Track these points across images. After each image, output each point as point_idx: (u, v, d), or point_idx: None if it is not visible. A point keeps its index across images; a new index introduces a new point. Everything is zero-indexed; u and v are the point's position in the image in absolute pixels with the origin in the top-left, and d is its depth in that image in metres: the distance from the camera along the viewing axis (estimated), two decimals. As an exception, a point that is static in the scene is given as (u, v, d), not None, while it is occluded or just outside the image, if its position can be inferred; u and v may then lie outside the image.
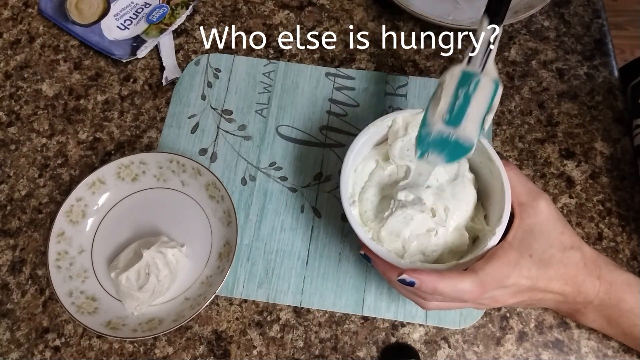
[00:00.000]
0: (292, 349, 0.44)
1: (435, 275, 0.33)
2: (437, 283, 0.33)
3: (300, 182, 0.49)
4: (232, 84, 0.53)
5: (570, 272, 0.37)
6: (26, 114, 0.53)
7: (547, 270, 0.36)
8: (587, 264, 0.38)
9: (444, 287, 0.33)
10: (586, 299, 0.38)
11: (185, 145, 0.51)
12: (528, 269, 0.35)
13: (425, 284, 0.33)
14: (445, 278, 0.33)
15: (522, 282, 0.36)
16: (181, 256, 0.45)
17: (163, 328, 0.42)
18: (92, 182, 0.47)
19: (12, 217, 0.49)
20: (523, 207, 0.37)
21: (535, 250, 0.36)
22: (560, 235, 0.37)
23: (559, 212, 0.38)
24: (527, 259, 0.36)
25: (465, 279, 0.33)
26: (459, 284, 0.33)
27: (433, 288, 0.33)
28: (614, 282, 0.38)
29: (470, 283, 0.33)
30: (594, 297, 0.38)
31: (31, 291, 0.46)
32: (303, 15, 0.57)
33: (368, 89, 0.53)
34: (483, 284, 0.34)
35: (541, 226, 0.37)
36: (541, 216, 0.37)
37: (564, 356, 0.43)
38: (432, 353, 0.43)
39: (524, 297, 0.37)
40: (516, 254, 0.35)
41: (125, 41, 0.55)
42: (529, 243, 0.36)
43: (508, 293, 0.36)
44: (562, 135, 0.50)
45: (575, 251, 0.37)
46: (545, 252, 0.36)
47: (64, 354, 0.44)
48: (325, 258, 0.46)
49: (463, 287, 0.33)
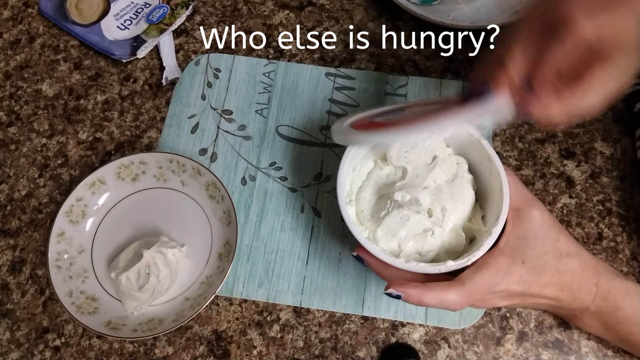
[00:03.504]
0: (292, 349, 0.44)
1: (421, 288, 0.34)
2: (422, 297, 0.34)
3: (300, 182, 0.49)
4: (232, 84, 0.53)
5: (565, 279, 0.37)
6: (26, 114, 0.53)
7: (540, 277, 0.36)
8: (585, 270, 0.38)
9: (430, 299, 0.34)
10: (582, 304, 0.38)
11: (185, 145, 0.51)
12: (519, 275, 0.36)
13: (412, 297, 0.34)
14: (431, 291, 0.34)
15: (513, 288, 0.36)
16: (181, 256, 0.45)
17: (163, 328, 0.42)
18: (92, 182, 0.47)
19: (12, 217, 0.49)
20: (516, 214, 0.37)
21: (528, 257, 0.36)
22: (555, 242, 0.37)
23: (554, 219, 0.38)
24: (519, 265, 0.36)
25: (451, 291, 0.34)
26: (445, 297, 0.34)
27: (419, 301, 0.34)
28: (612, 289, 0.38)
29: (455, 295, 0.34)
30: (589, 303, 0.38)
31: (31, 291, 0.46)
32: (303, 15, 0.57)
33: (368, 89, 0.53)
34: (469, 294, 0.34)
35: (535, 233, 0.37)
36: (534, 223, 0.37)
37: (564, 356, 0.43)
38: (432, 353, 0.43)
39: (515, 301, 0.38)
40: (507, 261, 0.35)
41: (125, 41, 0.55)
42: (521, 249, 0.36)
43: (498, 297, 0.37)
44: (562, 135, 0.50)
45: (572, 258, 0.37)
46: (539, 259, 0.36)
47: (64, 354, 0.44)
48: (325, 258, 0.46)
49: (449, 299, 0.34)
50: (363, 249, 0.38)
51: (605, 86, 0.32)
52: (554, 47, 0.32)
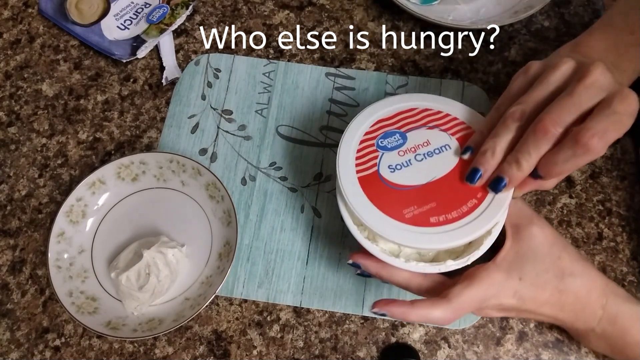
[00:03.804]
0: (292, 349, 0.44)
1: (406, 306, 0.34)
2: (406, 315, 0.34)
3: (300, 182, 0.49)
4: (232, 84, 0.53)
5: (566, 299, 0.36)
6: (26, 114, 0.53)
7: (538, 295, 0.36)
8: (591, 291, 0.37)
9: (415, 317, 0.34)
10: (586, 325, 0.38)
11: (185, 145, 0.51)
12: (514, 290, 0.35)
13: (395, 315, 0.34)
14: (415, 308, 0.34)
15: (506, 302, 0.35)
16: (181, 256, 0.45)
17: (163, 328, 0.42)
18: (92, 182, 0.47)
19: (12, 217, 0.49)
20: (515, 230, 0.37)
21: (526, 273, 0.35)
22: (556, 260, 0.36)
23: (558, 236, 0.38)
24: (515, 280, 0.35)
25: (436, 308, 0.34)
26: (429, 314, 0.34)
27: (403, 318, 0.34)
28: (620, 313, 0.37)
29: (441, 312, 0.34)
30: (595, 325, 0.37)
31: (31, 291, 0.46)
32: (303, 15, 0.57)
33: (368, 89, 0.53)
34: (455, 310, 0.34)
35: (535, 250, 0.36)
36: (534, 240, 0.36)
37: (564, 356, 0.43)
38: (432, 353, 0.43)
39: (510, 314, 0.38)
40: (502, 275, 0.35)
41: (125, 41, 0.55)
42: (519, 265, 0.36)
43: (491, 309, 0.36)
44: (562, 135, 0.50)
45: (575, 278, 0.36)
46: (538, 276, 0.36)
47: (64, 354, 0.44)
48: (325, 258, 0.46)
49: (434, 316, 0.34)
50: (358, 254, 0.38)
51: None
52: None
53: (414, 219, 0.35)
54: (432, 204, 0.36)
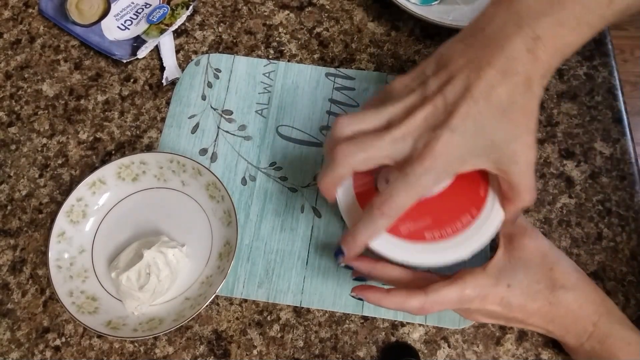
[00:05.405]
0: (292, 348, 0.44)
1: (381, 292, 0.36)
2: (381, 300, 0.36)
3: (300, 182, 0.49)
4: (232, 84, 0.53)
5: (557, 312, 0.36)
6: (26, 114, 0.53)
7: (528, 304, 0.36)
8: (583, 307, 0.36)
9: (389, 304, 0.36)
10: (576, 340, 0.37)
11: (186, 145, 0.51)
12: (501, 297, 0.35)
13: (370, 300, 0.36)
14: (391, 296, 0.35)
15: (491, 308, 0.36)
16: (181, 256, 0.45)
17: (163, 328, 0.42)
18: (93, 182, 0.47)
19: (13, 217, 0.49)
20: (508, 240, 0.37)
21: (516, 282, 0.35)
22: (548, 272, 0.36)
23: (553, 248, 0.38)
24: (503, 287, 0.35)
25: (411, 299, 0.35)
26: (404, 303, 0.35)
27: (377, 304, 0.36)
28: (610, 335, 0.36)
29: (416, 302, 0.35)
30: (584, 341, 0.37)
31: (31, 291, 0.46)
32: (303, 15, 0.57)
33: (368, 89, 0.53)
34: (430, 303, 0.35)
35: (526, 261, 0.36)
36: (526, 251, 0.36)
37: (564, 356, 0.43)
38: (432, 353, 0.43)
39: (500, 322, 0.38)
40: (490, 281, 0.35)
41: (125, 41, 0.55)
42: (510, 274, 0.36)
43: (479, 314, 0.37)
44: (561, 135, 0.50)
45: (567, 291, 0.36)
46: (529, 287, 0.36)
47: (65, 353, 0.44)
48: (325, 258, 0.46)
49: (408, 305, 0.35)
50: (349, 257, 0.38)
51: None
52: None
53: (410, 235, 0.35)
54: (427, 220, 0.36)
